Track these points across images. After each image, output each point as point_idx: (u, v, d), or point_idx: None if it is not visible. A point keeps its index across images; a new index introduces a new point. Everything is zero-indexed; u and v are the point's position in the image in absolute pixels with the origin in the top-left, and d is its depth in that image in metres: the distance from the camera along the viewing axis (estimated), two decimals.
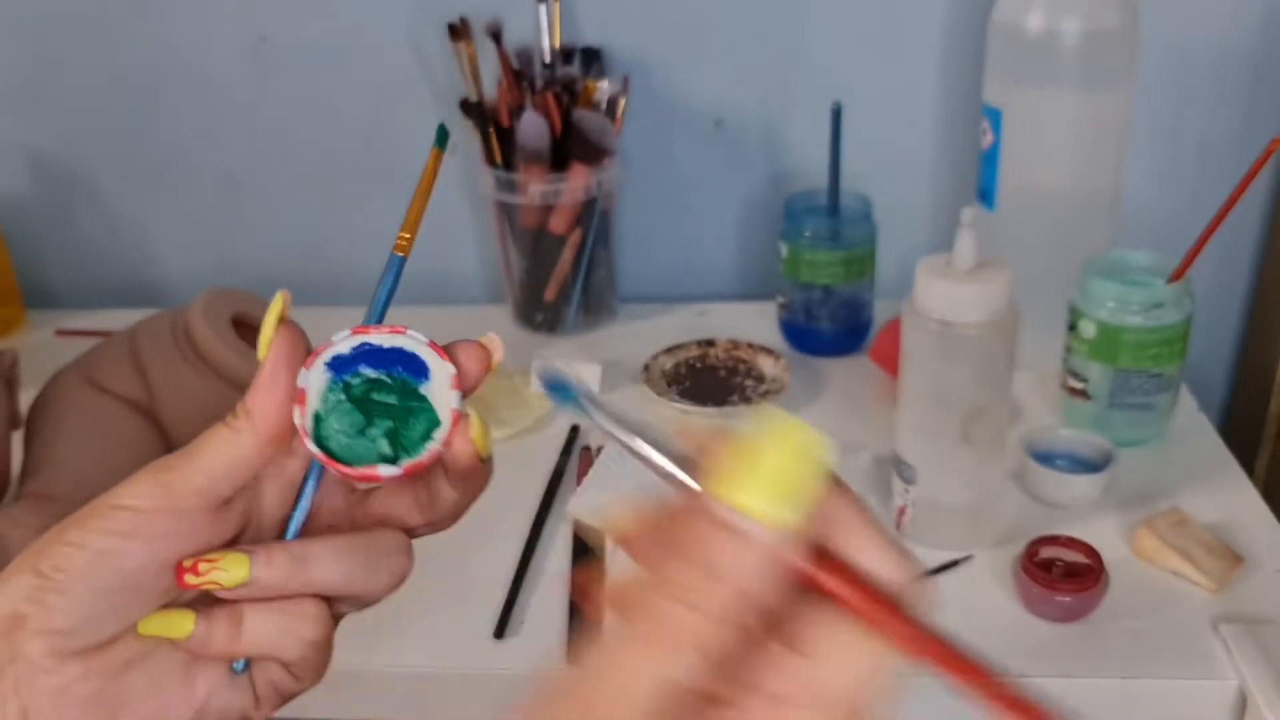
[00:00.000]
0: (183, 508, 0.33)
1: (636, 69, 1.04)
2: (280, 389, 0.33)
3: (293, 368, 0.33)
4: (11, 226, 1.15)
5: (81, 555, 0.32)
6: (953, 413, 0.69)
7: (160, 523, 0.32)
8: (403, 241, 0.38)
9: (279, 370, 0.33)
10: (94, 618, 0.32)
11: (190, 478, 0.33)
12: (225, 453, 0.33)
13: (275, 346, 0.33)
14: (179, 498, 0.33)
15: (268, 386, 0.33)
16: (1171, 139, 1.04)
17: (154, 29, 1.06)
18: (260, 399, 0.33)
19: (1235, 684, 0.62)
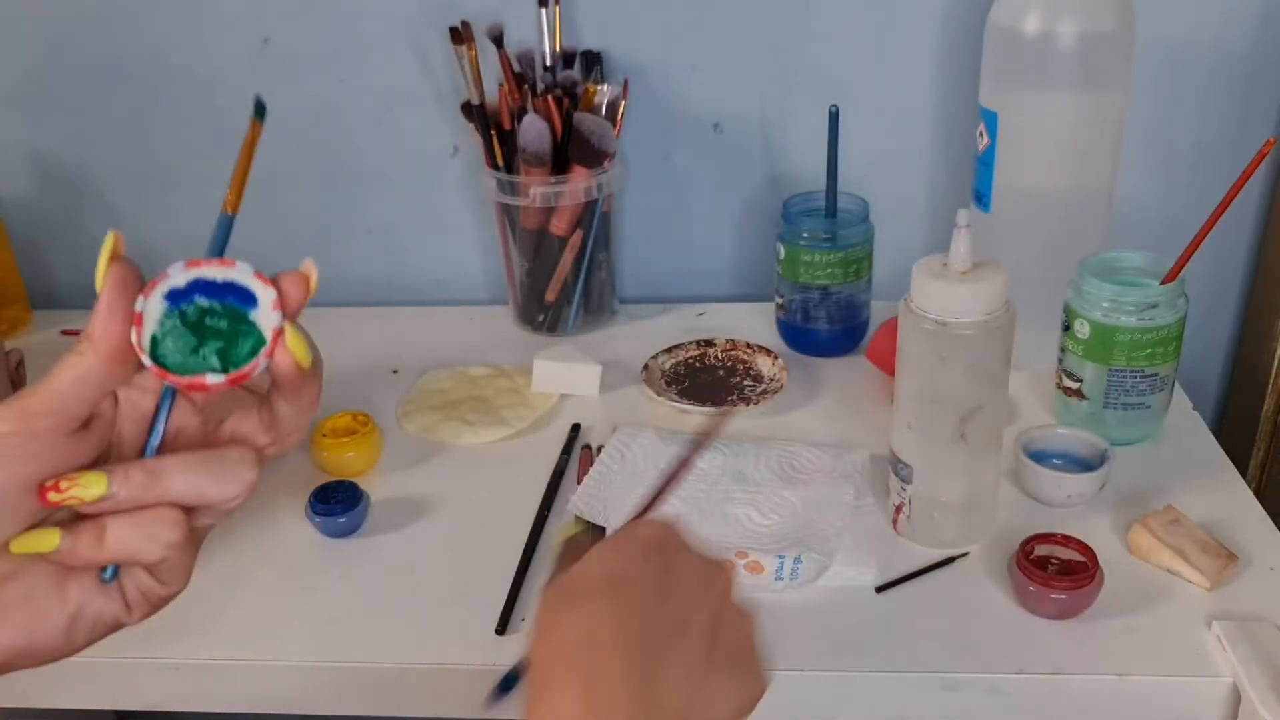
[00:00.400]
0: (39, 428, 0.36)
1: (636, 73, 1.05)
2: (118, 314, 0.37)
3: (127, 296, 0.37)
4: (17, 227, 1.16)
5: None
6: (949, 412, 0.69)
7: (18, 444, 0.35)
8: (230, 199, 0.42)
9: (115, 298, 0.37)
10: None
11: (42, 399, 0.36)
12: (71, 374, 0.36)
13: (110, 278, 0.37)
14: (34, 419, 0.36)
15: (106, 312, 0.37)
16: (1166, 140, 1.04)
17: (158, 32, 1.07)
18: (99, 324, 0.37)
19: (1229, 681, 0.63)
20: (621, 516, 0.76)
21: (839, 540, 0.74)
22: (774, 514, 0.76)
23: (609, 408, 0.93)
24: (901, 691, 0.65)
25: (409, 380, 0.98)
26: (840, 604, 0.70)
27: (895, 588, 0.71)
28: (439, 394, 0.95)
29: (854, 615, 0.69)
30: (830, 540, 0.74)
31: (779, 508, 0.77)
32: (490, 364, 0.99)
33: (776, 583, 0.71)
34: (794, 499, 0.78)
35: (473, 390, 0.95)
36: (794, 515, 0.76)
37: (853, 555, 0.73)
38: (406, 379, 0.99)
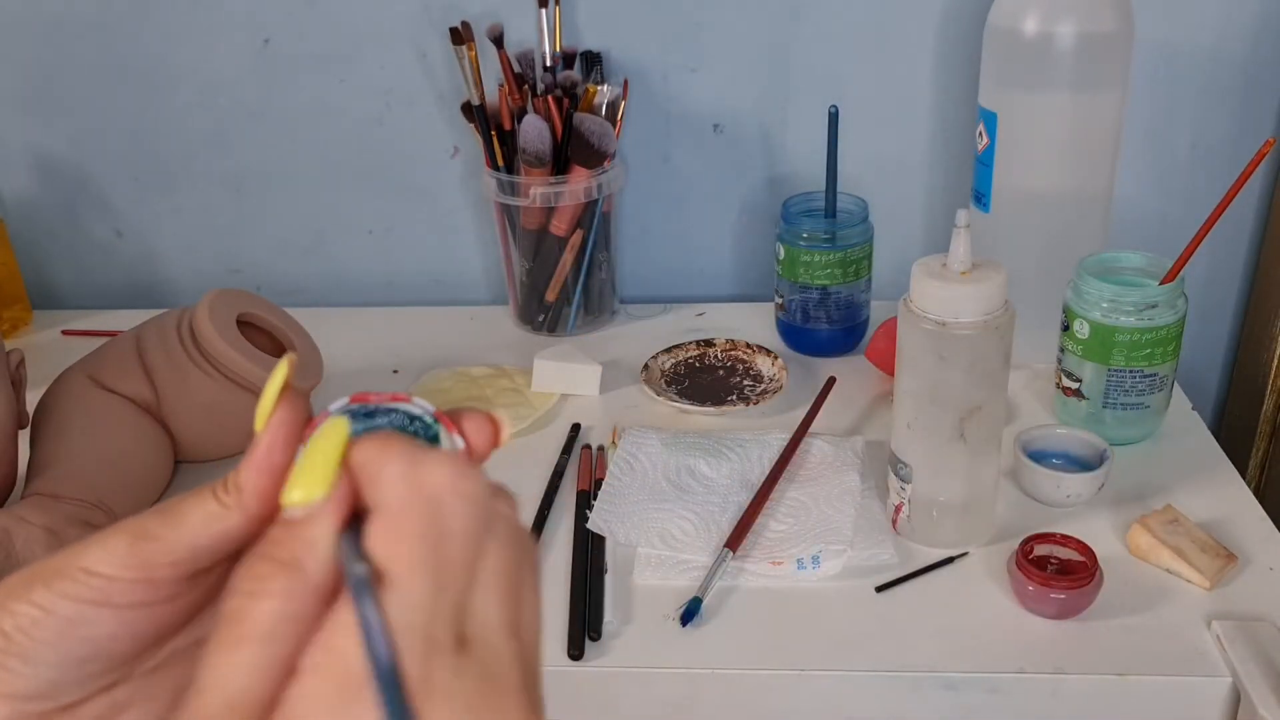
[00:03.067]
0: (160, 578, 0.30)
1: (636, 73, 1.05)
2: (275, 467, 0.31)
3: (291, 444, 0.31)
4: (18, 227, 1.16)
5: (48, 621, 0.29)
6: (948, 412, 0.69)
7: (134, 592, 0.30)
8: None
9: (276, 446, 0.31)
10: (59, 683, 0.30)
11: (171, 550, 0.30)
12: (211, 529, 0.30)
13: (275, 420, 0.31)
14: (156, 569, 0.30)
15: (262, 464, 0.31)
16: (1165, 141, 1.04)
17: (159, 32, 1.07)
18: (253, 477, 0.31)
19: (1228, 681, 0.63)
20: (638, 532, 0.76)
21: (853, 527, 0.75)
22: (789, 518, 0.77)
23: (609, 408, 0.93)
24: (901, 691, 0.65)
25: (409, 380, 0.98)
26: (840, 604, 0.70)
27: (895, 587, 0.71)
28: (439, 394, 0.95)
29: (854, 615, 0.69)
30: (845, 530, 0.74)
31: (793, 511, 0.77)
32: (490, 364, 0.99)
33: (799, 572, 0.72)
34: (804, 498, 0.78)
35: (473, 390, 0.95)
36: (807, 514, 0.77)
37: (869, 538, 0.74)
38: (407, 379, 0.99)
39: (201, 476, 0.85)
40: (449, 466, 0.29)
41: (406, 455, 0.29)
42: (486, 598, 0.29)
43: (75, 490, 0.72)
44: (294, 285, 1.18)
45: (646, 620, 0.69)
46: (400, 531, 0.28)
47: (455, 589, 0.28)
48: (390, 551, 0.28)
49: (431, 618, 0.27)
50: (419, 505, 0.28)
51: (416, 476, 0.28)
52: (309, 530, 0.28)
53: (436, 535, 0.28)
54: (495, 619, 0.29)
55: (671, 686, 0.66)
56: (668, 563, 0.73)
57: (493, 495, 0.30)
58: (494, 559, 0.29)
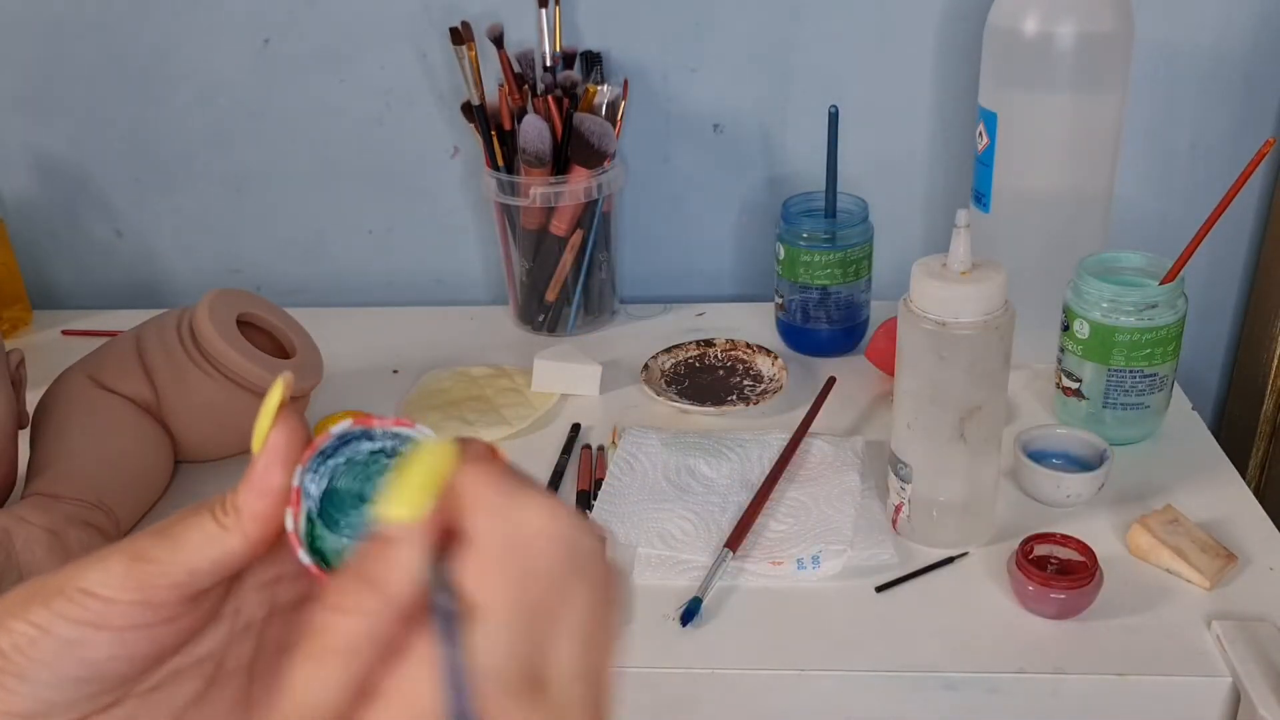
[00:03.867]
0: (158, 601, 0.30)
1: (636, 73, 1.05)
2: (273, 489, 0.31)
3: (289, 464, 0.31)
4: (18, 227, 1.16)
5: (46, 641, 0.29)
6: (949, 412, 0.69)
7: (132, 614, 0.30)
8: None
9: (273, 468, 0.31)
10: (56, 703, 0.30)
11: (169, 572, 0.30)
12: (209, 551, 0.30)
13: (272, 441, 0.31)
14: (155, 591, 0.30)
15: (260, 487, 0.30)
16: (1165, 141, 1.04)
17: (160, 32, 1.07)
18: (252, 501, 0.30)
19: (1229, 681, 0.63)
20: (638, 532, 0.76)
21: (853, 527, 0.75)
22: (789, 518, 0.77)
23: (609, 408, 0.93)
24: (901, 691, 0.65)
25: (409, 380, 0.98)
26: (840, 604, 0.70)
27: (895, 587, 0.71)
28: (440, 394, 0.95)
29: (854, 615, 0.69)
30: (845, 530, 0.74)
31: (793, 511, 0.77)
32: (490, 364, 0.99)
33: (799, 572, 0.72)
34: (804, 497, 0.78)
35: (473, 390, 0.95)
36: (807, 514, 0.77)
37: (869, 538, 0.74)
38: (407, 379, 0.99)
39: (201, 476, 0.85)
40: (547, 508, 0.28)
41: (505, 488, 0.28)
42: (568, 643, 0.28)
43: (75, 490, 0.72)
44: (294, 285, 1.18)
45: (646, 620, 0.69)
46: (492, 567, 0.27)
47: (537, 633, 0.28)
48: (479, 585, 0.27)
49: (511, 659, 0.27)
50: (514, 543, 0.28)
51: (513, 513, 0.28)
52: (400, 551, 0.28)
53: (527, 575, 0.28)
54: (574, 665, 0.28)
55: (671, 686, 0.66)
56: (668, 563, 0.73)
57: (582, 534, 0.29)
58: (581, 603, 0.29)
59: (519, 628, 0.27)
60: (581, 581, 0.29)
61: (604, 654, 0.29)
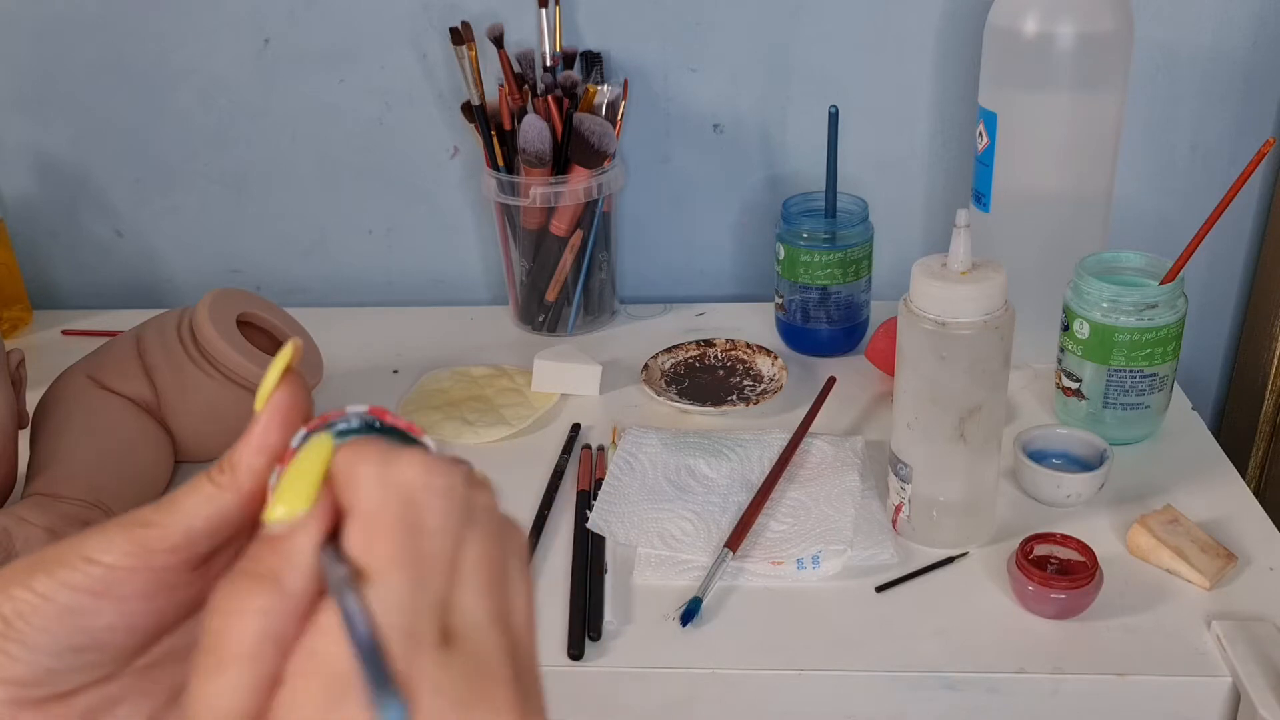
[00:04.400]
0: (159, 566, 0.30)
1: (636, 73, 1.05)
2: (270, 446, 0.31)
3: (288, 425, 0.31)
4: (19, 227, 1.16)
5: (48, 608, 0.29)
6: (948, 412, 0.69)
7: (134, 581, 0.30)
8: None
9: (272, 426, 0.31)
10: (57, 671, 0.30)
11: (168, 535, 0.30)
12: (205, 509, 0.31)
13: (274, 400, 0.31)
14: (155, 556, 0.30)
15: (257, 442, 0.31)
16: (1164, 141, 1.04)
17: (159, 32, 1.07)
18: (247, 455, 0.31)
19: (1228, 681, 0.63)
20: (638, 532, 0.76)
21: (853, 527, 0.75)
22: (789, 518, 0.77)
23: (609, 408, 0.93)
24: (901, 691, 0.65)
25: (409, 380, 0.98)
26: (840, 604, 0.70)
27: (895, 587, 0.71)
28: (439, 394, 0.95)
29: (854, 615, 0.69)
30: (845, 530, 0.74)
31: (793, 511, 0.77)
32: (490, 364, 1.00)
33: (799, 572, 0.72)
34: (804, 497, 0.78)
35: (473, 390, 0.95)
36: (807, 514, 0.77)
37: (869, 538, 0.74)
38: (407, 379, 0.99)
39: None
40: (421, 463, 0.28)
41: (378, 455, 0.29)
42: (470, 591, 0.28)
43: (75, 490, 0.72)
44: (294, 285, 1.18)
45: (646, 620, 0.69)
46: (376, 530, 0.28)
47: (436, 584, 0.28)
48: (367, 551, 0.27)
49: (413, 613, 0.27)
50: (393, 503, 0.28)
51: (389, 475, 0.28)
52: (288, 543, 0.28)
53: (412, 531, 0.28)
54: (481, 612, 0.28)
55: (671, 686, 0.66)
56: (668, 563, 0.73)
57: (470, 487, 0.29)
58: (476, 551, 0.29)
59: (414, 583, 0.27)
60: (473, 529, 0.29)
61: (511, 599, 0.29)
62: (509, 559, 0.30)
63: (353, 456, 0.29)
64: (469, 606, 0.28)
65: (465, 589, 0.28)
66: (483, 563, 0.29)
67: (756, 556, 0.73)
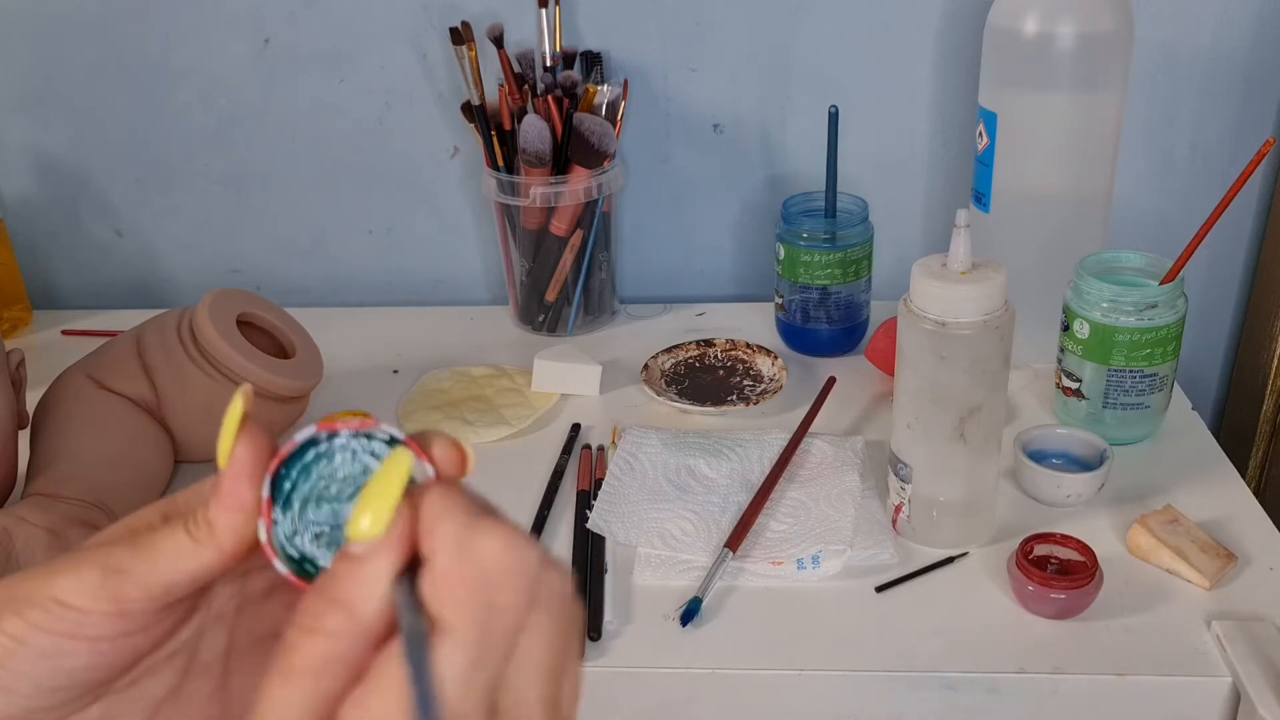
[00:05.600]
0: (132, 611, 0.30)
1: (636, 73, 1.05)
2: (242, 503, 0.31)
3: (256, 477, 0.31)
4: (19, 227, 1.16)
5: (23, 653, 0.29)
6: (948, 412, 0.69)
7: (107, 624, 0.30)
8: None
9: (240, 482, 0.31)
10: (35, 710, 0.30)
11: (143, 585, 0.30)
12: (186, 565, 0.30)
13: (236, 455, 0.31)
14: (128, 602, 0.30)
15: (230, 502, 0.30)
16: (1164, 141, 1.04)
17: (159, 32, 1.07)
18: (224, 515, 0.31)
19: (1228, 681, 0.63)
20: (638, 532, 0.76)
21: (853, 527, 0.75)
22: (789, 519, 0.77)
23: (609, 408, 0.93)
24: (901, 691, 0.65)
25: (409, 380, 0.98)
26: (840, 604, 0.70)
27: (895, 587, 0.71)
28: (439, 394, 0.95)
29: (854, 615, 0.69)
30: (845, 530, 0.74)
31: (793, 511, 0.77)
32: (490, 364, 1.00)
33: (799, 572, 0.72)
34: (804, 497, 0.78)
35: (473, 390, 0.95)
36: (807, 514, 0.77)
37: (869, 538, 0.74)
38: (407, 379, 0.99)
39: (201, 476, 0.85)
40: (503, 539, 0.28)
41: (463, 518, 0.28)
42: (525, 672, 0.28)
43: (75, 490, 0.72)
44: (294, 285, 1.18)
45: (646, 620, 0.69)
46: (449, 595, 0.27)
47: (495, 662, 0.28)
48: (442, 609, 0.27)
49: (467, 688, 0.27)
50: (471, 573, 0.28)
51: (471, 542, 0.28)
52: (365, 569, 0.28)
53: (485, 607, 0.27)
54: (530, 695, 0.28)
55: (671, 686, 0.66)
56: (668, 563, 0.73)
57: (543, 567, 0.29)
58: (538, 633, 0.29)
59: (475, 659, 0.27)
60: (541, 614, 0.29)
61: (561, 685, 0.29)
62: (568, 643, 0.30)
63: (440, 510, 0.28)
64: (521, 688, 0.28)
65: (521, 671, 0.28)
66: (543, 646, 0.29)
67: (756, 556, 0.73)
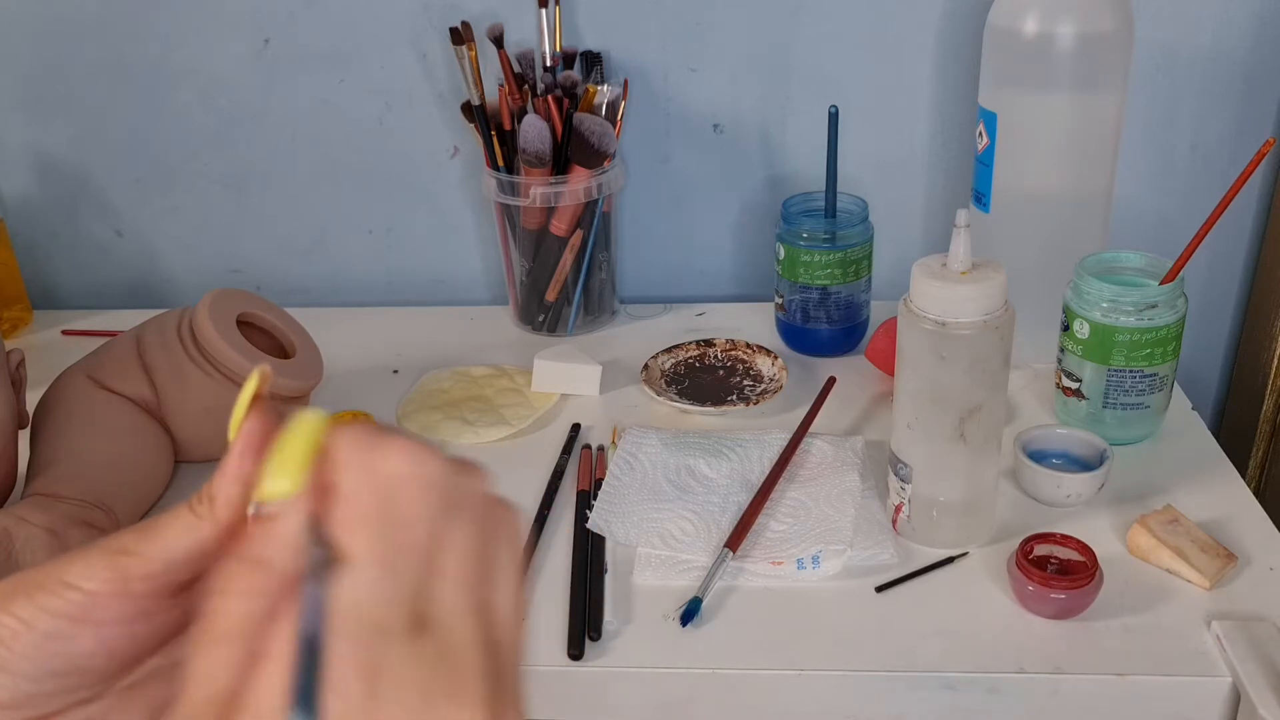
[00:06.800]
0: (138, 593, 0.31)
1: (636, 73, 1.05)
2: (245, 475, 0.31)
3: (262, 452, 0.31)
4: (19, 227, 1.16)
5: (28, 634, 0.30)
6: (949, 412, 0.69)
7: (113, 607, 0.30)
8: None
9: (246, 455, 0.31)
10: (35, 695, 0.31)
11: (148, 564, 0.30)
12: (185, 540, 0.31)
13: (246, 429, 0.31)
14: (134, 583, 0.30)
15: (233, 473, 0.31)
16: (1164, 141, 1.04)
17: (159, 33, 1.07)
18: (225, 487, 0.31)
19: (1228, 681, 0.63)
20: (638, 532, 0.76)
21: (853, 527, 0.75)
22: (789, 519, 0.77)
23: (609, 408, 0.93)
24: (901, 691, 0.65)
25: (409, 380, 0.98)
26: (840, 604, 0.70)
27: (895, 587, 0.71)
28: (439, 394, 0.95)
29: (854, 615, 0.69)
30: (845, 530, 0.74)
31: (793, 511, 0.77)
32: (490, 364, 1.00)
33: (799, 572, 0.72)
34: (804, 497, 0.78)
35: (473, 390, 0.95)
36: (807, 514, 0.77)
37: (869, 538, 0.74)
38: (407, 379, 0.99)
39: (201, 476, 0.85)
40: (405, 452, 0.28)
41: (364, 441, 0.29)
42: (448, 582, 0.28)
43: (75, 490, 0.72)
44: (294, 285, 1.18)
45: (646, 620, 0.69)
46: (354, 518, 0.28)
47: (411, 574, 0.28)
48: (348, 536, 0.28)
49: (383, 603, 0.27)
50: (374, 491, 0.28)
51: (373, 462, 0.28)
52: (279, 527, 0.28)
53: (390, 521, 0.28)
54: (458, 603, 0.28)
55: (671, 686, 0.66)
56: (668, 563, 0.73)
57: (458, 474, 0.29)
58: (458, 542, 0.29)
59: (387, 573, 0.27)
60: (458, 520, 0.29)
61: (494, 590, 0.29)
62: (497, 549, 0.30)
63: (344, 440, 0.29)
64: (446, 597, 0.28)
65: (443, 580, 0.28)
66: (464, 554, 0.29)
67: (756, 556, 0.73)
